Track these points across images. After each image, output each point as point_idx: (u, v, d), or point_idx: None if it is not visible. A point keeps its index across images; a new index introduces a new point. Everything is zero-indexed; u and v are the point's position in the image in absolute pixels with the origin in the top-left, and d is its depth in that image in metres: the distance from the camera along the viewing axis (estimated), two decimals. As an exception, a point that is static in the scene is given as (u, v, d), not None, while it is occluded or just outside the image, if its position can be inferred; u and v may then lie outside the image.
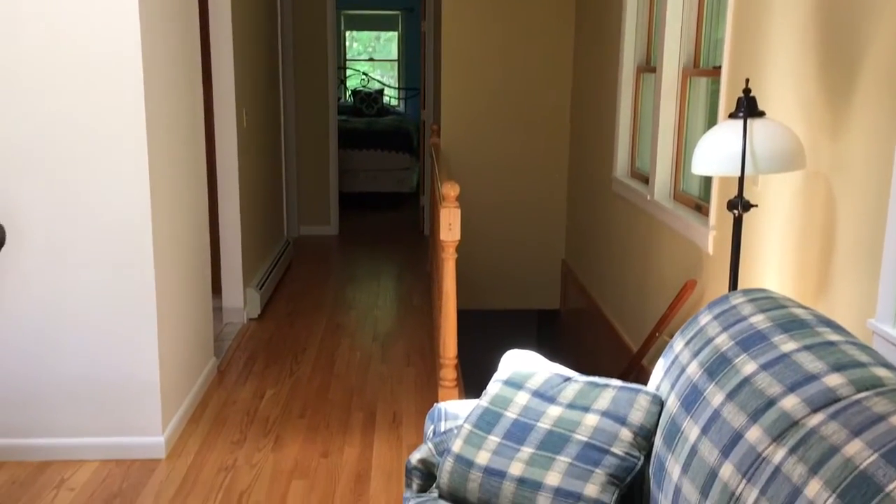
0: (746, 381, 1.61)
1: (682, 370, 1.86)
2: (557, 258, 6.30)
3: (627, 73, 4.59)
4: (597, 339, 5.12)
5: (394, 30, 12.37)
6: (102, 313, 3.15)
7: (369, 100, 11.13)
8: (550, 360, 2.28)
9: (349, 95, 11.46)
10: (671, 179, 3.89)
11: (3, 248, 3.02)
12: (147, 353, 3.19)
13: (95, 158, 3.05)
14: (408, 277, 6.37)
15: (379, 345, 4.76)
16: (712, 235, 3.14)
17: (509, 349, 2.38)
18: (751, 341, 1.71)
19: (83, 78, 3.00)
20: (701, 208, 3.51)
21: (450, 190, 3.17)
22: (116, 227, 3.10)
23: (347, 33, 12.20)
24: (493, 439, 1.94)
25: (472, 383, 4.32)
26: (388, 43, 12.78)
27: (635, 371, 3.89)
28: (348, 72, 12.04)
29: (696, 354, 1.84)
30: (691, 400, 1.75)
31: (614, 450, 1.84)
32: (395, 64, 12.56)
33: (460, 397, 3.47)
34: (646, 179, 4.24)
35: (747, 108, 2.27)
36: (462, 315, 3.97)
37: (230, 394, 3.95)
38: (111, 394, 3.20)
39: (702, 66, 3.68)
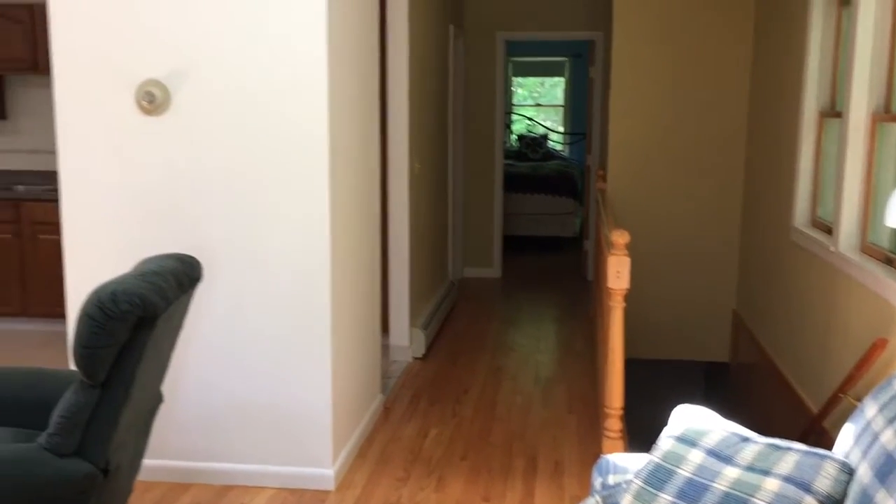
0: (952, 454, 1.48)
1: (876, 438, 1.74)
2: (728, 308, 6.05)
3: (809, 117, 4.39)
4: (770, 396, 4.85)
5: (560, 75, 12.45)
6: (281, 347, 3.33)
7: (534, 144, 11.23)
8: (720, 415, 2.19)
9: (515, 140, 11.61)
10: (858, 230, 3.66)
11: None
12: (321, 388, 3.34)
13: (280, 203, 3.26)
14: (570, 322, 6.31)
15: (540, 389, 4.73)
16: (906, 292, 2.92)
17: (675, 401, 2.31)
18: (957, 411, 1.58)
19: (272, 129, 3.22)
20: (892, 261, 3.28)
21: (619, 237, 3.14)
22: (297, 265, 3.29)
23: (513, 79, 12.41)
24: (665, 498, 1.88)
25: (635, 435, 4.20)
26: (552, 88, 12.88)
27: (815, 434, 3.65)
28: (513, 117, 12.21)
29: (891, 422, 1.72)
30: (886, 471, 1.62)
31: (798, 518, 1.73)
32: (561, 109, 12.62)
33: (625, 450, 3.39)
34: (829, 229, 4.01)
35: (950, 157, 2.12)
36: (625, 363, 3.89)
37: (395, 431, 4.05)
38: (287, 425, 3.37)
39: (894, 111, 3.47)
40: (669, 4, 5.90)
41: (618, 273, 3.09)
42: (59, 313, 5.41)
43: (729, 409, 5.84)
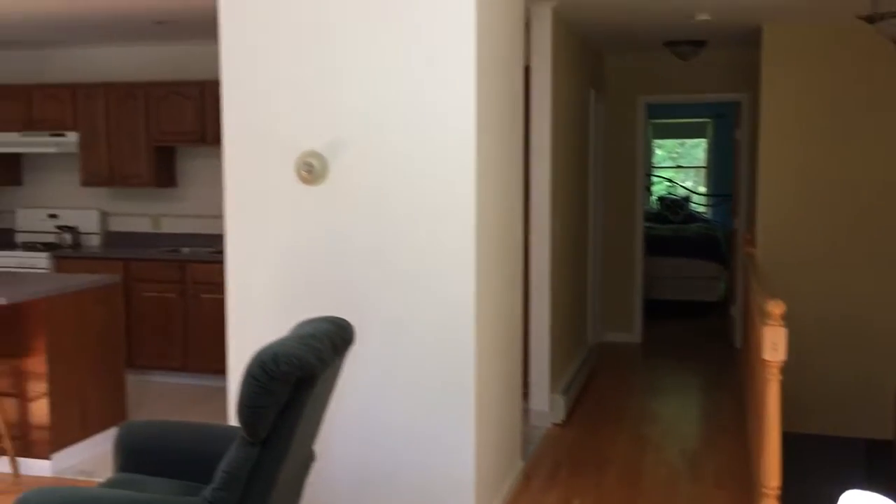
0: None
1: None
2: (890, 383, 5.64)
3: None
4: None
5: (702, 137, 12.21)
6: (426, 410, 3.38)
7: (675, 206, 11.01)
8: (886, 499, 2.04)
9: (655, 202, 11.42)
10: None
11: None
12: (464, 452, 3.36)
13: (427, 268, 3.35)
14: (716, 391, 6.07)
15: (686, 461, 4.56)
16: None
17: (833, 481, 2.17)
18: None
19: (421, 197, 3.33)
20: None
21: (774, 307, 3.02)
22: (442, 330, 3.35)
23: (653, 140, 12.27)
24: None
25: (792, 515, 3.95)
26: (692, 149, 12.63)
27: None
28: (653, 178, 12.03)
29: None
30: None
31: None
32: (702, 170, 12.34)
33: (782, 531, 3.20)
34: None
35: None
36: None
37: (536, 499, 3.99)
38: (431, 487, 3.40)
39: None
40: (819, 62, 5.72)
41: (774, 345, 2.97)
42: (217, 369, 5.71)
43: (893, 490, 5.41)
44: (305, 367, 2.40)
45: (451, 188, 3.32)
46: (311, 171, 3.44)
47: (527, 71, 4.79)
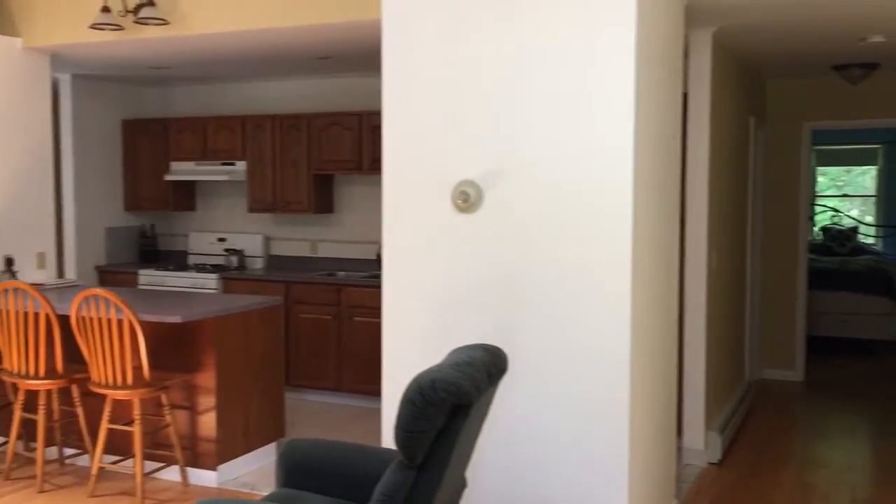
0: None
1: None
2: None
3: None
4: None
5: (871, 164, 11.47)
6: (578, 442, 3.33)
7: (841, 237, 10.36)
8: None
9: (818, 233, 10.80)
10: None
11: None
12: (617, 487, 3.27)
13: (582, 298, 3.31)
14: (890, 437, 5.62)
15: (857, 513, 4.24)
16: None
17: None
18: None
19: (576, 226, 3.30)
20: None
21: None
22: (596, 361, 3.29)
23: (815, 168, 11.64)
24: None
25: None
26: (859, 176, 11.88)
27: None
28: (816, 208, 11.40)
29: None
30: None
31: None
32: (871, 199, 11.57)
33: None
34: None
35: None
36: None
37: (691, 541, 3.83)
38: (581, 522, 3.33)
39: None
40: None
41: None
42: (369, 391, 5.88)
43: None
44: (462, 394, 2.43)
45: (607, 217, 3.27)
46: (467, 199, 3.49)
47: (684, 97, 4.68)
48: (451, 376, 2.46)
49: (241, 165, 6.69)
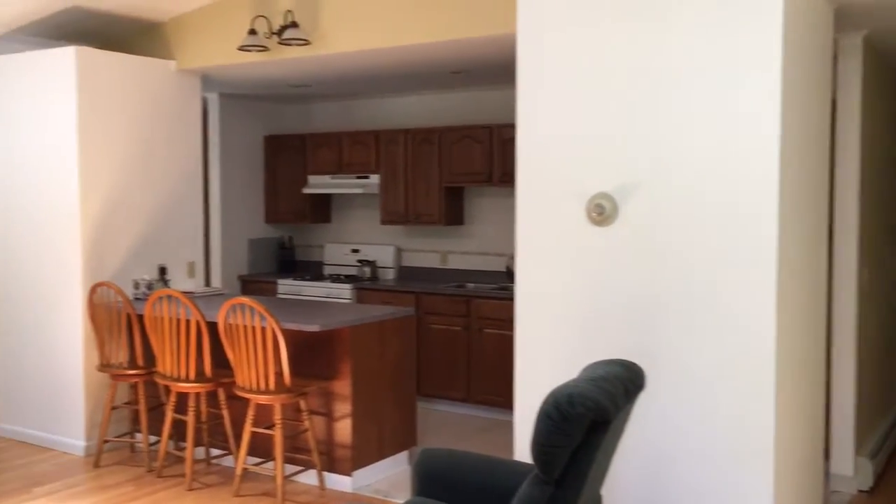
0: None
1: None
2: None
3: None
4: None
5: None
6: (715, 464, 3.22)
7: None
8: None
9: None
10: None
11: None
12: (760, 512, 3.14)
13: (722, 315, 3.20)
14: None
15: None
16: None
17: None
18: None
19: (716, 242, 3.20)
20: None
21: None
22: (737, 381, 3.18)
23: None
24: None
25: None
26: None
27: None
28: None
29: None
30: None
31: None
32: None
33: None
34: None
35: None
36: None
37: (840, 573, 3.62)
38: (721, 546, 3.21)
39: None
40: None
41: None
42: (498, 403, 5.89)
43: None
44: (600, 409, 2.40)
45: (751, 231, 3.16)
46: (602, 212, 3.46)
47: (833, 105, 4.45)
48: (589, 391, 2.43)
49: (374, 179, 6.87)
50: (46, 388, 5.31)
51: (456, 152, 6.48)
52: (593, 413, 2.39)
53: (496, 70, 5.51)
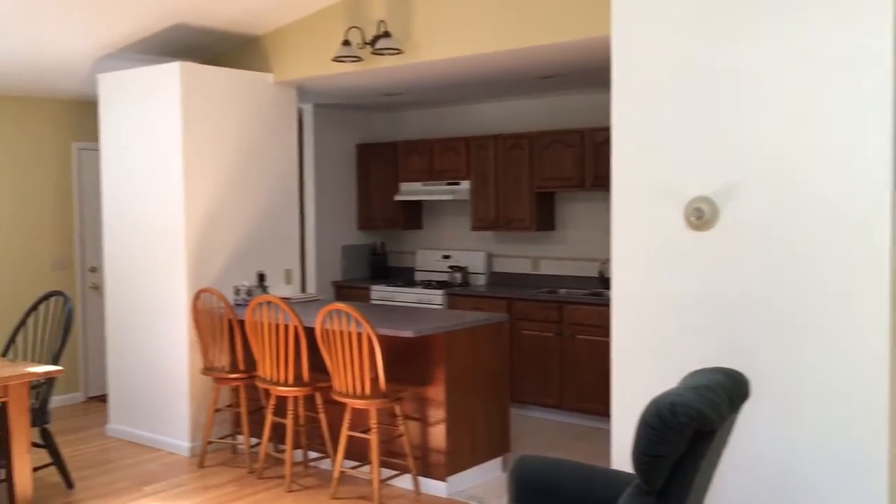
0: None
1: None
2: None
3: None
4: None
5: None
6: (824, 483, 3.09)
7: None
8: None
9: None
10: None
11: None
12: (874, 529, 3.00)
13: (831, 326, 3.07)
14: None
15: None
16: None
17: None
18: None
19: (824, 247, 3.08)
20: None
21: None
22: (847, 399, 3.04)
23: None
24: None
25: None
26: None
27: None
28: None
29: None
30: None
31: None
32: None
33: None
34: None
35: None
36: None
37: None
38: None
39: None
40: None
41: None
42: (592, 410, 5.83)
43: None
44: (704, 419, 2.34)
45: (862, 236, 3.02)
46: (701, 216, 3.38)
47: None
48: (692, 400, 2.37)
49: (465, 185, 6.90)
50: (154, 391, 5.54)
51: (546, 157, 6.44)
52: (696, 422, 2.33)
53: (588, 73, 5.46)
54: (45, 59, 5.52)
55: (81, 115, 6.75)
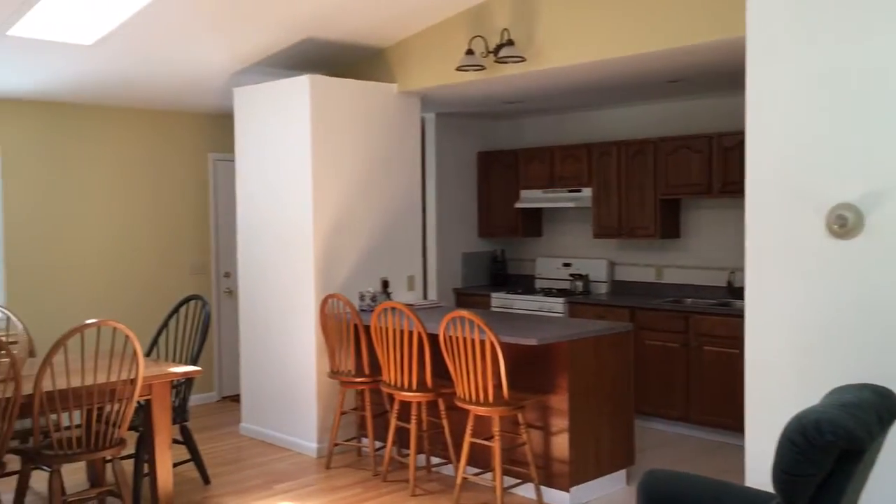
0: None
1: None
2: None
3: None
4: None
5: None
6: None
7: None
8: None
9: None
10: None
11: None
12: None
13: None
14: None
15: None
16: None
17: None
18: None
19: None
20: None
21: None
22: None
23: None
24: None
25: None
26: None
27: None
28: None
29: None
30: None
31: None
32: None
33: None
34: None
35: None
36: None
37: None
38: None
39: None
40: None
41: None
42: (720, 424, 5.64)
43: None
44: (852, 438, 2.22)
45: None
46: (844, 224, 3.21)
47: None
48: (839, 418, 2.25)
49: (586, 192, 6.82)
50: (283, 393, 5.74)
51: (672, 163, 6.29)
52: (844, 441, 2.22)
53: (718, 76, 5.29)
54: (187, 75, 5.84)
55: (217, 127, 7.10)
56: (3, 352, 3.65)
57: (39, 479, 4.52)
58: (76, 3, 4.44)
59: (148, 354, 5.13)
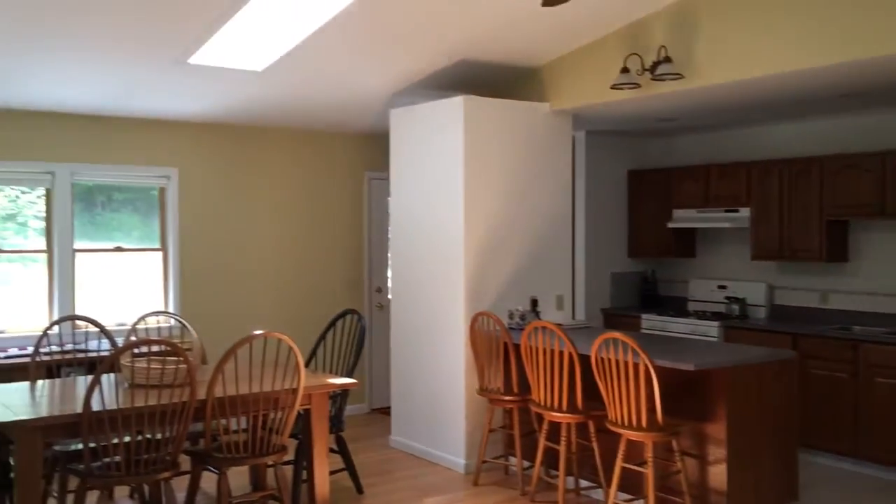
0: None
1: None
2: None
3: None
4: None
5: None
6: None
7: None
8: None
9: None
10: None
11: None
12: None
13: None
14: None
15: None
16: None
17: None
18: None
19: None
20: None
21: None
22: None
23: None
24: None
25: None
26: None
27: None
28: None
29: None
30: None
31: None
32: None
33: None
34: None
35: None
36: None
37: None
38: None
39: None
40: None
41: None
42: (893, 460, 5.25)
43: None
44: None
45: None
46: None
47: None
48: None
49: (744, 212, 6.56)
50: (432, 408, 5.82)
51: (839, 183, 5.94)
52: None
53: (893, 90, 4.97)
54: (346, 97, 6.09)
55: (373, 146, 7.34)
56: (180, 358, 3.91)
57: (208, 481, 4.79)
58: (248, 33, 4.73)
59: (307, 365, 5.35)
